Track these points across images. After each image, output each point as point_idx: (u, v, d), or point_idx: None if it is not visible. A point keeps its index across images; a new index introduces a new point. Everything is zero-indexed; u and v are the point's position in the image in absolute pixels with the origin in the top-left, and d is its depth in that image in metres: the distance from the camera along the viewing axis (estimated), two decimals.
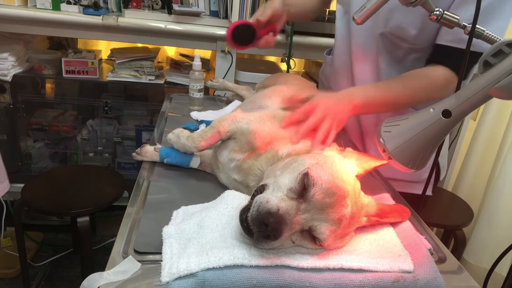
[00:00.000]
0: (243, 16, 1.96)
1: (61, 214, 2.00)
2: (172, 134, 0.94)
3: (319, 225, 0.62)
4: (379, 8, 0.86)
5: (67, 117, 2.36)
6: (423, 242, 0.72)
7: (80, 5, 1.89)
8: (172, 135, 0.94)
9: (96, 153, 2.37)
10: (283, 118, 0.90)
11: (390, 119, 0.75)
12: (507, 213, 1.88)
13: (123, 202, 1.42)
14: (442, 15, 0.82)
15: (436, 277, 0.63)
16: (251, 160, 0.82)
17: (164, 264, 0.60)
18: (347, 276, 0.62)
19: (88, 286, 0.58)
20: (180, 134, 0.93)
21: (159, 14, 1.94)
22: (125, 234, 0.71)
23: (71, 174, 1.90)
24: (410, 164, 0.71)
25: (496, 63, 0.63)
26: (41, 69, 2.07)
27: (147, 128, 2.33)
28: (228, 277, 0.59)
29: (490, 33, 0.77)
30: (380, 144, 0.73)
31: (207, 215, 0.70)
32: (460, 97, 0.66)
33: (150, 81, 2.09)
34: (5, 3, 1.83)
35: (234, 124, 0.87)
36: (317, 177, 0.63)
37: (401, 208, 0.78)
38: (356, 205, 0.66)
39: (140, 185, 0.88)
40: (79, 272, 1.97)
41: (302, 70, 2.54)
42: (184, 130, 0.95)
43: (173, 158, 0.94)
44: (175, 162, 0.94)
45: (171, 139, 0.94)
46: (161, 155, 0.95)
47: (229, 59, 2.01)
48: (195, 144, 0.89)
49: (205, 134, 0.89)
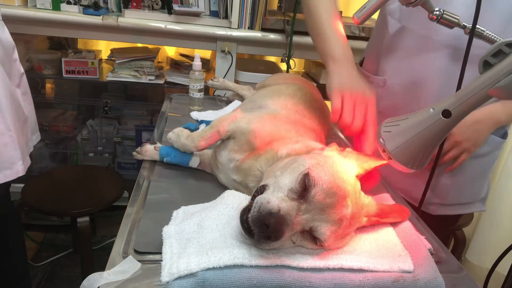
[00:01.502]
0: (243, 16, 1.95)
1: (61, 214, 2.00)
2: (172, 133, 0.94)
3: (320, 225, 0.62)
4: (379, 8, 0.86)
5: (67, 117, 2.36)
6: (423, 242, 0.72)
7: (80, 5, 1.89)
8: (172, 134, 0.94)
9: (96, 153, 2.37)
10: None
11: (390, 119, 0.75)
12: (509, 213, 1.88)
13: (123, 202, 1.43)
14: (442, 15, 0.82)
15: (436, 277, 0.63)
16: (250, 161, 0.82)
17: (164, 264, 0.60)
18: (347, 276, 0.62)
19: (88, 286, 0.58)
20: (180, 134, 0.93)
21: (159, 14, 1.94)
22: (125, 234, 0.71)
23: (71, 174, 1.90)
24: (410, 164, 0.71)
25: (496, 63, 0.63)
26: (41, 69, 2.07)
27: (147, 128, 2.33)
28: (228, 277, 0.58)
29: (490, 33, 0.77)
30: (380, 144, 0.73)
31: (207, 215, 0.70)
32: (460, 97, 0.66)
33: (150, 81, 2.09)
34: (5, 3, 1.84)
35: (234, 123, 0.86)
36: (317, 178, 0.63)
37: (401, 208, 0.78)
38: (356, 205, 0.66)
39: (140, 185, 0.88)
40: (79, 272, 1.97)
41: (302, 70, 2.53)
42: (184, 129, 0.95)
43: (172, 157, 0.94)
44: (175, 161, 0.95)
45: (171, 138, 0.94)
46: (161, 154, 0.95)
47: (229, 59, 2.01)
48: (195, 144, 0.89)
49: (205, 133, 0.89)
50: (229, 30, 1.94)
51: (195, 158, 0.94)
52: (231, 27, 1.95)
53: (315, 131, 0.95)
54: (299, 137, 0.85)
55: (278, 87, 1.12)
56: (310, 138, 0.88)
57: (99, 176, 1.88)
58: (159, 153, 0.95)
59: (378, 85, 1.17)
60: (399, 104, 1.11)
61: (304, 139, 0.85)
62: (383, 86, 1.16)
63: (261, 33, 1.96)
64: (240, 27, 1.97)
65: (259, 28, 1.98)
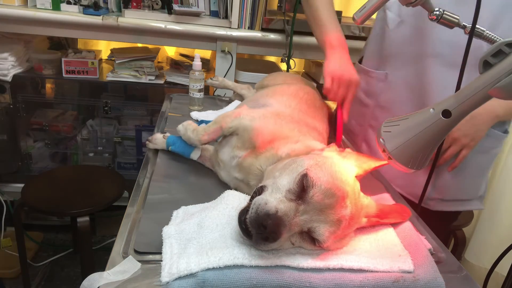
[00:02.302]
0: (243, 16, 1.95)
1: (61, 214, 2.00)
2: (181, 126, 0.98)
3: (319, 226, 0.62)
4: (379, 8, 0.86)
5: (67, 117, 2.35)
6: (423, 242, 0.72)
7: (80, 5, 1.89)
8: (181, 126, 0.98)
9: (96, 153, 2.37)
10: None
11: (390, 119, 0.75)
12: (509, 213, 1.88)
13: (123, 202, 1.42)
14: (442, 15, 0.82)
15: (436, 277, 0.63)
16: (250, 159, 0.82)
17: (164, 264, 0.60)
18: (347, 276, 0.62)
19: (88, 286, 0.58)
20: (187, 127, 0.96)
21: (159, 14, 1.94)
22: (125, 234, 0.71)
23: (71, 174, 1.90)
24: (410, 164, 0.71)
25: (496, 63, 0.63)
26: (41, 69, 2.07)
27: (147, 128, 2.33)
28: (228, 277, 0.58)
29: (490, 33, 0.77)
30: (380, 144, 0.73)
31: (207, 215, 0.70)
32: (460, 97, 0.66)
33: (150, 81, 2.09)
34: (5, 3, 1.83)
35: (237, 120, 0.87)
36: (316, 178, 0.63)
37: (402, 208, 0.78)
38: (355, 206, 0.66)
39: (140, 185, 0.88)
40: (79, 272, 1.97)
41: (302, 70, 2.54)
42: (192, 122, 0.98)
43: (177, 146, 0.99)
44: (178, 151, 0.99)
45: (180, 130, 0.98)
46: (168, 142, 1.00)
47: (229, 59, 2.01)
48: (198, 137, 0.93)
49: (209, 128, 0.92)
50: (229, 30, 1.94)
51: (196, 150, 0.98)
52: (231, 27, 1.95)
53: (318, 130, 0.96)
54: (301, 136, 0.85)
55: (280, 87, 1.12)
56: (313, 138, 0.88)
57: (99, 176, 1.88)
58: (166, 141, 1.00)
59: (379, 79, 1.18)
60: (402, 98, 1.13)
61: (306, 138, 0.85)
62: (384, 80, 1.17)
63: (261, 33, 1.96)
64: (240, 27, 1.97)
65: (259, 28, 1.98)
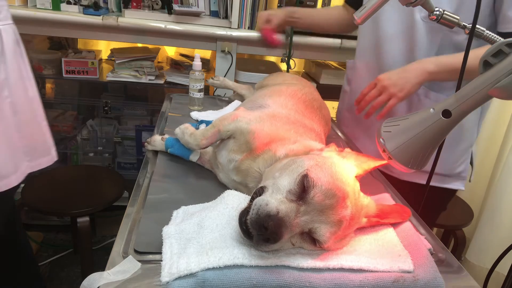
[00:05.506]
0: (243, 16, 1.95)
1: (61, 214, 2.00)
2: (178, 129, 0.97)
3: (319, 227, 0.62)
4: (379, 8, 0.86)
5: (67, 117, 2.36)
6: (423, 242, 0.72)
7: (80, 5, 1.89)
8: (179, 130, 0.97)
9: (96, 153, 2.37)
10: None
11: (390, 119, 0.75)
12: (509, 212, 1.88)
13: (123, 202, 1.42)
14: (442, 15, 0.82)
15: (436, 277, 0.63)
16: (248, 161, 0.82)
17: (164, 264, 0.60)
18: (347, 276, 0.62)
19: (88, 286, 0.58)
20: (185, 131, 0.96)
21: (159, 14, 1.94)
22: (125, 234, 0.71)
23: (71, 174, 1.90)
24: (410, 164, 0.71)
25: (496, 63, 0.63)
26: (41, 69, 2.07)
27: (147, 128, 2.33)
28: (228, 277, 0.58)
29: (490, 33, 0.77)
30: (380, 144, 0.73)
31: (207, 215, 0.70)
32: (460, 97, 0.66)
33: (150, 81, 2.09)
34: None
35: (234, 123, 0.87)
36: (316, 179, 0.63)
37: (402, 209, 0.78)
38: (356, 206, 0.66)
39: (140, 185, 0.88)
40: (79, 272, 1.97)
41: (302, 70, 2.53)
42: (189, 126, 0.97)
43: (176, 149, 0.99)
44: (177, 153, 0.99)
45: (178, 134, 0.97)
46: (166, 144, 1.00)
47: (229, 59, 2.01)
48: (197, 142, 0.92)
49: (207, 132, 0.91)
50: (229, 30, 1.94)
51: (196, 152, 0.98)
52: (231, 27, 1.95)
53: (315, 131, 0.95)
54: (298, 137, 0.85)
55: (279, 87, 1.12)
56: (310, 138, 0.88)
57: (99, 176, 1.88)
58: (164, 143, 1.00)
59: (350, 67, 1.38)
60: (364, 80, 1.24)
61: (303, 139, 0.85)
62: (353, 68, 1.35)
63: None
64: (240, 27, 1.97)
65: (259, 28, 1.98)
